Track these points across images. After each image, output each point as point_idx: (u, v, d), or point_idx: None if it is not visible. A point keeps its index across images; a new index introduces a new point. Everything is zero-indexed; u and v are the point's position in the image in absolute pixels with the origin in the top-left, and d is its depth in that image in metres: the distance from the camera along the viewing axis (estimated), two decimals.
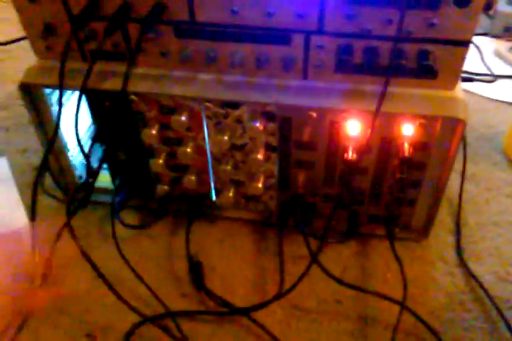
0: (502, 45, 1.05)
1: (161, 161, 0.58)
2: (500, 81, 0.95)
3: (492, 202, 0.69)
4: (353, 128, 0.53)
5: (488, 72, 0.96)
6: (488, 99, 0.91)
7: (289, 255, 0.60)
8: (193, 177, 0.59)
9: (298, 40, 0.51)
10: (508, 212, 0.68)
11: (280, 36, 0.51)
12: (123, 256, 0.55)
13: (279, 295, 0.52)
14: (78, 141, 0.51)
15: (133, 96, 0.53)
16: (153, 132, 0.55)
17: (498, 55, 1.04)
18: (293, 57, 0.52)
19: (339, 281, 0.53)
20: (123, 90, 0.48)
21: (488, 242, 0.63)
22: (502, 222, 0.66)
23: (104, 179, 0.63)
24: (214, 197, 0.62)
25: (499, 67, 0.99)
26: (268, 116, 0.54)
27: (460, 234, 0.64)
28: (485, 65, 0.98)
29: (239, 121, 0.55)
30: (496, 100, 0.91)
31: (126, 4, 0.50)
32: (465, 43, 0.49)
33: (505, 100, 0.90)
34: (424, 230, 0.61)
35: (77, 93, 0.51)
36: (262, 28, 0.50)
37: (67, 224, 0.47)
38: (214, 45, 0.52)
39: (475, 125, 0.84)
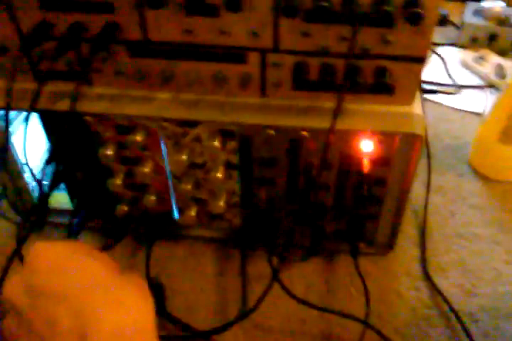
0: (469, 55, 1.06)
1: (119, 181, 0.56)
2: (466, 91, 0.96)
3: (457, 214, 0.70)
4: (312, 145, 0.53)
5: (452, 83, 0.97)
6: (454, 109, 0.92)
7: (253, 274, 0.59)
8: (153, 197, 0.58)
9: (254, 58, 0.50)
10: (473, 224, 0.68)
11: (236, 55, 0.50)
12: None
13: (239, 317, 0.51)
14: (26, 163, 0.50)
15: (88, 117, 0.52)
16: (110, 152, 0.54)
17: (465, 65, 1.05)
18: (250, 76, 0.51)
19: (301, 301, 0.53)
20: (71, 111, 0.47)
21: (453, 255, 0.64)
22: (466, 234, 0.66)
23: (63, 200, 0.61)
24: (176, 216, 0.61)
25: (465, 78, 1.00)
26: (227, 135, 0.53)
27: (425, 246, 0.64)
28: (449, 75, 0.99)
29: (198, 139, 0.54)
30: (462, 110, 0.91)
31: (79, 24, 0.49)
32: (419, 60, 0.49)
33: (470, 110, 0.91)
34: (389, 244, 0.61)
35: (34, 115, 0.50)
36: (217, 47, 0.50)
37: (18, 251, 0.45)
38: (169, 64, 0.51)
39: (440, 136, 0.85)
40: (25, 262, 0.36)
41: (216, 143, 0.53)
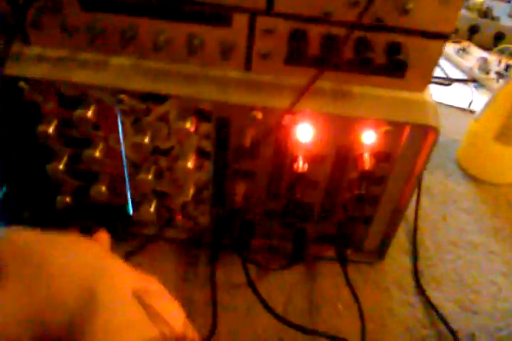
0: (450, 47, 1.00)
1: (60, 166, 0.45)
2: (452, 85, 0.90)
3: (449, 219, 0.62)
4: (306, 133, 0.43)
5: (444, 76, 0.91)
6: (441, 104, 0.85)
7: (225, 282, 0.49)
8: (103, 188, 0.47)
9: (240, 20, 0.40)
10: (466, 231, 0.61)
11: (218, 15, 0.40)
12: None
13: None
14: None
15: (22, 83, 0.41)
16: (50, 130, 0.42)
17: (447, 58, 0.99)
18: (234, 43, 0.41)
19: (283, 321, 0.44)
20: None
21: (448, 265, 0.56)
22: (461, 242, 0.59)
23: None
24: (131, 212, 0.51)
25: (449, 71, 0.94)
26: (201, 115, 0.43)
27: (417, 256, 0.56)
28: (440, 67, 0.92)
29: (164, 119, 0.44)
30: (448, 105, 0.85)
31: None
32: (443, 36, 0.40)
33: (457, 106, 0.85)
34: (380, 252, 0.53)
35: None
36: (195, 3, 0.39)
37: None
38: (133, 21, 0.41)
39: None
40: None
41: (187, 125, 0.42)
